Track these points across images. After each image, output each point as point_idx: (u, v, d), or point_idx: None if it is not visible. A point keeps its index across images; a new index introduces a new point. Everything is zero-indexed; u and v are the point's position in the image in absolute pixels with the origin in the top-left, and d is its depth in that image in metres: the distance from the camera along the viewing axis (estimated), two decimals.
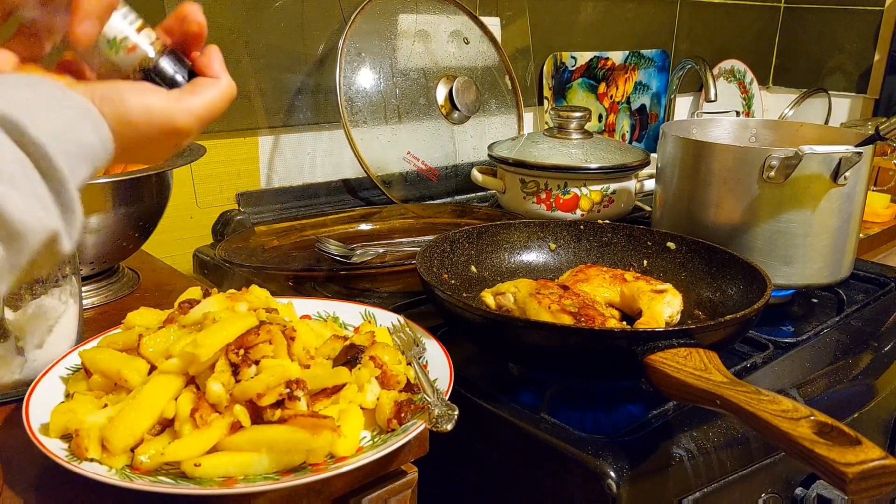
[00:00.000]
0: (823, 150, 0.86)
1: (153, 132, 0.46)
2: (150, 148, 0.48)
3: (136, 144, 0.46)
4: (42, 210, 0.37)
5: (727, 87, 2.05)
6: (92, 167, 0.42)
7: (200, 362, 0.56)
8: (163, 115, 0.46)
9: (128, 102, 0.45)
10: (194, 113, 0.48)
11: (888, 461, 0.45)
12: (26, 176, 0.36)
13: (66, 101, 0.41)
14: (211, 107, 0.49)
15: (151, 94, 0.46)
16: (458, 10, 1.35)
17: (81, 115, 0.41)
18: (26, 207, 0.35)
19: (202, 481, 0.51)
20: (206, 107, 0.48)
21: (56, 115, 0.39)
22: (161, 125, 0.46)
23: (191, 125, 0.47)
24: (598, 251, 0.95)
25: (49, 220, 0.37)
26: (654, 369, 0.60)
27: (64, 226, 0.39)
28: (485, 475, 0.72)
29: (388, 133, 1.26)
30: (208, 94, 0.49)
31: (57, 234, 0.38)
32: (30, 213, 0.36)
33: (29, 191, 0.36)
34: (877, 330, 0.90)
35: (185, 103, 0.47)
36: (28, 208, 0.36)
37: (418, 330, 0.72)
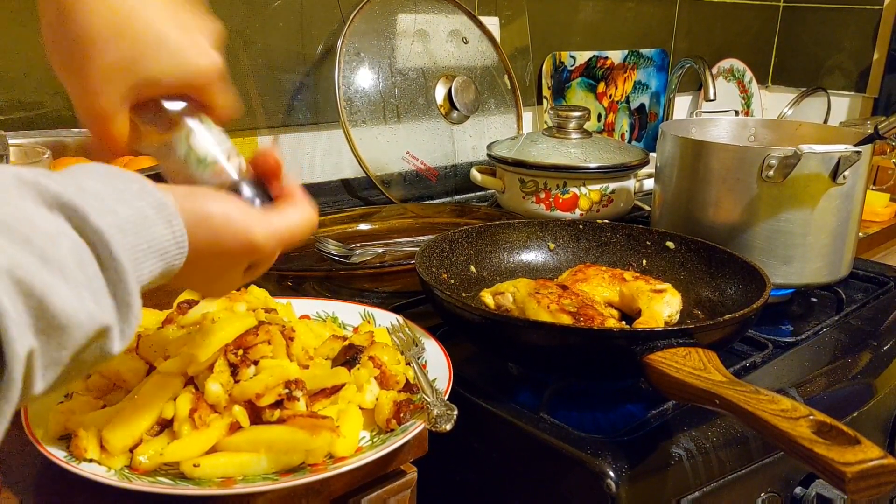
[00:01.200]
0: (822, 150, 0.86)
1: (229, 241, 0.44)
2: (222, 261, 0.45)
3: (210, 252, 0.44)
4: (93, 303, 0.35)
5: (726, 86, 2.05)
6: (163, 263, 0.40)
7: (199, 363, 0.56)
8: (243, 224, 0.44)
9: (210, 205, 0.44)
10: (275, 231, 0.46)
11: (887, 461, 0.45)
12: (81, 266, 0.35)
13: (141, 194, 0.39)
14: (292, 229, 0.47)
15: (234, 204, 0.45)
16: (457, 10, 1.35)
17: (155, 209, 0.39)
18: (74, 299, 0.34)
19: (201, 482, 0.51)
20: (287, 227, 0.47)
21: (126, 206, 0.38)
22: (238, 235, 0.44)
23: (268, 242, 0.46)
24: (597, 251, 0.95)
25: (99, 315, 0.35)
26: (653, 369, 0.60)
27: (117, 321, 0.37)
28: (484, 475, 0.72)
29: (388, 133, 1.26)
30: (291, 217, 0.48)
31: (107, 329, 0.36)
32: (77, 305, 0.34)
33: (81, 282, 0.34)
34: (876, 329, 0.91)
35: (266, 220, 0.46)
36: (76, 300, 0.34)
37: (417, 330, 0.72)
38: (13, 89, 0.97)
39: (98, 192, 0.37)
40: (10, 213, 0.33)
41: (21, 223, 0.33)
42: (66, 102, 1.00)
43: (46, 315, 0.32)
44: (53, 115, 1.00)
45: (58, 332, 0.33)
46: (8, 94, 0.96)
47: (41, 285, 0.32)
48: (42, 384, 0.34)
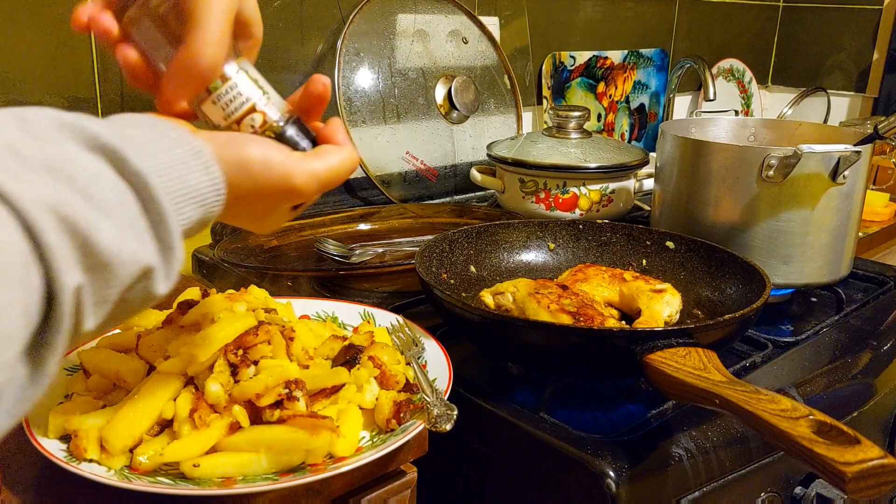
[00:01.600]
0: (822, 149, 0.86)
1: (270, 186, 0.45)
2: (264, 204, 0.47)
3: (251, 196, 0.45)
4: (136, 242, 0.36)
5: (726, 86, 2.05)
6: (201, 210, 0.40)
7: (199, 363, 0.56)
8: (282, 169, 0.45)
9: (250, 150, 0.44)
10: (315, 174, 0.47)
11: (887, 460, 0.45)
12: (123, 205, 0.35)
13: (179, 142, 0.40)
14: (332, 172, 0.48)
15: (274, 149, 0.46)
16: (457, 10, 1.35)
17: (193, 156, 0.40)
18: (118, 237, 0.34)
19: (201, 482, 0.51)
20: (327, 171, 0.48)
21: (165, 152, 0.39)
22: (279, 180, 0.45)
23: (309, 186, 0.46)
24: (597, 251, 0.95)
25: (143, 254, 0.36)
26: (653, 369, 0.60)
27: (161, 263, 0.37)
28: (484, 475, 0.72)
29: (387, 133, 1.26)
30: (331, 160, 0.48)
31: (151, 270, 0.37)
32: (121, 244, 0.35)
33: (124, 221, 0.35)
34: (876, 329, 0.91)
35: (306, 164, 0.46)
36: (119, 239, 0.34)
37: (417, 330, 0.72)
38: (13, 89, 0.97)
39: (137, 137, 0.38)
40: (53, 153, 0.33)
41: (63, 163, 0.33)
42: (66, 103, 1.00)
43: (92, 252, 0.33)
44: None
45: (103, 269, 0.34)
46: (8, 94, 0.96)
47: (85, 222, 0.33)
48: (92, 321, 0.35)
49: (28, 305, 0.31)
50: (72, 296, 0.32)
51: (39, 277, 0.31)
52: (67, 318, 0.32)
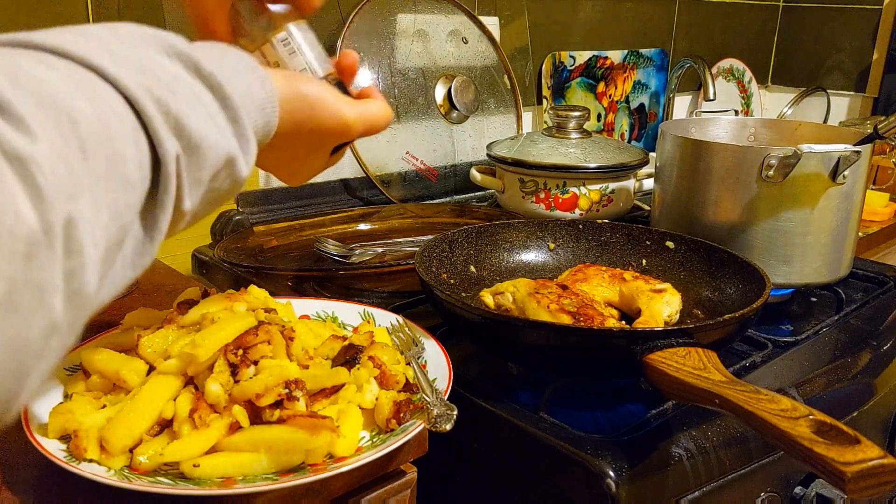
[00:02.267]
0: (822, 149, 0.86)
1: (324, 118, 0.51)
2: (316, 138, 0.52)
3: (306, 128, 0.50)
4: (218, 132, 0.41)
5: (726, 86, 2.05)
6: (262, 118, 0.45)
7: (199, 363, 0.56)
8: (336, 105, 0.51)
9: (307, 84, 0.50)
10: (363, 113, 0.53)
11: (887, 460, 0.45)
12: (202, 102, 0.40)
13: (238, 57, 0.45)
14: (377, 115, 0.54)
15: (328, 88, 0.52)
16: (457, 10, 1.35)
17: (249, 70, 0.45)
18: (204, 125, 0.39)
19: (201, 482, 0.51)
20: (373, 113, 0.54)
21: (227, 64, 0.43)
22: (333, 113, 0.51)
23: (356, 123, 0.52)
24: (596, 250, 0.95)
25: (226, 144, 0.41)
26: (653, 368, 0.60)
27: (241, 153, 0.42)
28: (484, 475, 0.72)
29: (387, 133, 1.26)
30: (376, 105, 0.55)
31: (234, 158, 0.42)
32: (206, 132, 0.39)
33: (206, 114, 0.40)
34: (876, 329, 0.91)
35: (356, 104, 0.53)
36: (205, 127, 0.39)
37: (417, 330, 0.72)
38: None
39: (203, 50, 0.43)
40: (140, 55, 0.38)
41: (149, 63, 0.38)
42: None
43: (183, 133, 0.38)
44: None
45: (194, 150, 0.39)
46: None
47: (176, 108, 0.38)
48: (190, 201, 0.40)
49: (141, 162, 0.36)
50: (174, 161, 0.37)
51: (146, 141, 0.36)
52: (173, 180, 0.37)
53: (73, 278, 0.31)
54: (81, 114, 0.33)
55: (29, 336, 0.29)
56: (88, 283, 0.32)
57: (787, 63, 2.20)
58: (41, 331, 0.30)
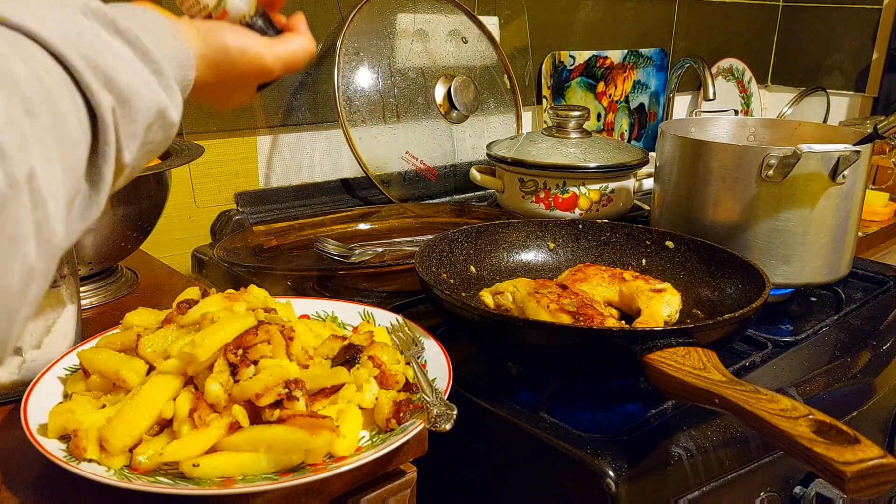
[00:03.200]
0: (822, 149, 0.86)
1: (245, 67, 0.53)
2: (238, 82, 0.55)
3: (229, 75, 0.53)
4: (145, 84, 0.42)
5: (725, 85, 2.05)
6: (180, 70, 0.47)
7: (199, 362, 0.56)
8: (257, 52, 0.54)
9: (228, 36, 0.53)
10: (281, 57, 0.56)
11: (886, 460, 0.45)
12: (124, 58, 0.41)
13: (149, 15, 0.46)
14: (295, 56, 0.57)
15: (248, 36, 0.54)
16: (457, 10, 1.35)
17: (162, 26, 0.46)
18: (132, 79, 0.41)
19: (201, 481, 0.51)
20: (292, 54, 0.57)
21: (140, 20, 0.45)
22: (252, 61, 0.54)
23: (276, 67, 0.55)
24: (596, 250, 0.95)
25: (154, 94, 0.42)
26: (652, 368, 0.60)
27: (169, 102, 0.44)
28: (484, 474, 0.72)
29: (387, 132, 1.26)
30: (294, 45, 0.57)
31: (164, 108, 0.43)
32: (135, 85, 0.41)
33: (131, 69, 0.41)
34: (875, 328, 0.91)
35: (275, 48, 0.55)
36: (133, 81, 0.41)
37: (417, 329, 0.72)
38: None
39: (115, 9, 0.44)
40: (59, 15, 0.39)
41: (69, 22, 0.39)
42: None
43: (113, 87, 0.39)
44: None
45: (126, 103, 0.40)
46: None
47: (103, 63, 0.39)
48: (129, 154, 0.41)
49: (80, 117, 0.37)
50: (110, 112, 0.39)
51: (80, 97, 0.37)
52: (112, 131, 0.39)
53: (42, 227, 0.34)
54: (19, 74, 0.34)
55: (10, 283, 0.32)
56: (55, 231, 0.35)
57: (787, 63, 2.20)
58: (20, 277, 0.32)
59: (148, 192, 0.84)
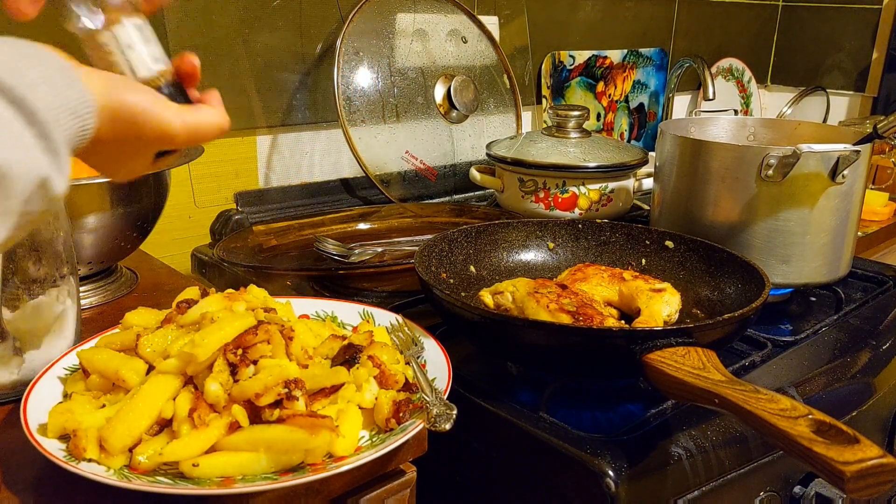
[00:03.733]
0: (821, 149, 0.86)
1: (146, 128, 0.47)
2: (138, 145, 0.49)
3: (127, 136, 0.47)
4: (25, 153, 0.37)
5: (725, 85, 2.05)
6: (76, 122, 0.41)
7: (198, 362, 0.55)
8: (160, 115, 0.48)
9: (130, 94, 0.47)
10: (188, 125, 0.50)
11: (886, 459, 0.46)
12: (3, 121, 0.36)
13: (42, 58, 0.41)
14: (202, 126, 0.51)
15: (156, 96, 0.49)
16: (456, 9, 1.35)
17: (60, 72, 0.41)
18: (8, 149, 0.36)
19: (200, 481, 0.51)
20: (198, 124, 0.51)
21: (31, 67, 0.39)
22: (155, 124, 0.48)
23: (180, 134, 0.49)
24: (596, 250, 0.95)
25: (35, 163, 0.38)
26: (652, 368, 0.60)
27: (54, 170, 0.39)
28: (483, 474, 0.72)
29: (387, 132, 1.26)
30: (204, 115, 0.51)
31: (46, 177, 0.38)
32: (12, 157, 0.36)
33: (9, 135, 0.36)
34: (875, 328, 0.91)
35: (182, 115, 0.50)
36: (10, 150, 0.36)
37: (417, 329, 0.72)
38: None
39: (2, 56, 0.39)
40: None
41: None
42: None
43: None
44: None
45: (1, 183, 0.36)
46: None
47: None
48: (1, 233, 0.37)
49: None
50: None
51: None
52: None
53: None
54: None
55: None
56: None
57: (787, 62, 2.20)
58: None
59: (147, 192, 0.84)
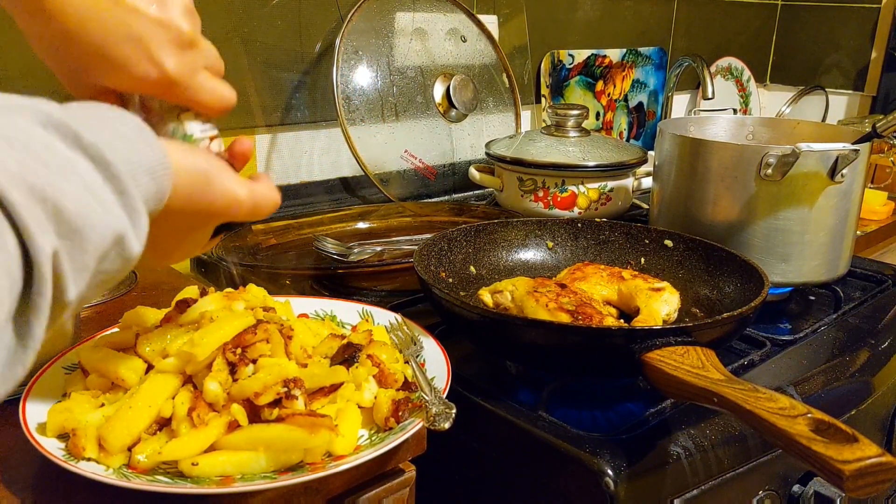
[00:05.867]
0: (820, 148, 0.86)
1: (217, 193, 0.48)
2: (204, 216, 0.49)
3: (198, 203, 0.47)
4: (102, 208, 0.37)
5: (724, 84, 2.05)
6: (153, 183, 0.41)
7: (197, 361, 0.56)
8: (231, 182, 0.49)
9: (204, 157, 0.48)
10: (254, 194, 0.51)
11: (885, 458, 0.46)
12: (82, 175, 0.36)
13: (122, 118, 0.41)
14: (267, 197, 0.53)
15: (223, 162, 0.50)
16: (456, 8, 1.35)
17: (137, 131, 0.41)
18: (86, 204, 0.35)
19: (199, 480, 0.51)
20: (264, 195, 0.52)
21: (110, 127, 0.40)
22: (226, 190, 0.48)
23: (246, 203, 0.50)
24: (595, 249, 0.95)
25: (112, 219, 0.37)
26: (651, 367, 0.60)
27: (131, 227, 0.38)
28: (482, 473, 0.72)
29: (386, 131, 1.26)
30: (266, 187, 0.53)
31: (123, 234, 0.38)
32: (89, 210, 0.35)
33: (88, 190, 0.36)
34: (874, 327, 0.91)
35: (248, 183, 0.51)
36: (87, 206, 0.35)
37: (416, 328, 0.72)
38: (12, 87, 0.96)
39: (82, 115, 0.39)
40: (11, 130, 0.34)
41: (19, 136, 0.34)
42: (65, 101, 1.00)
43: (63, 218, 0.34)
44: None
45: (76, 235, 0.35)
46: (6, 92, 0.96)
47: (51, 189, 0.33)
48: (74, 290, 0.35)
49: (10, 268, 0.31)
50: (49, 259, 0.33)
51: (14, 241, 0.32)
52: (48, 282, 0.33)
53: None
54: None
55: None
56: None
57: (786, 62, 2.20)
58: None
59: None
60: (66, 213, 0.34)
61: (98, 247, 0.36)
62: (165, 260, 0.55)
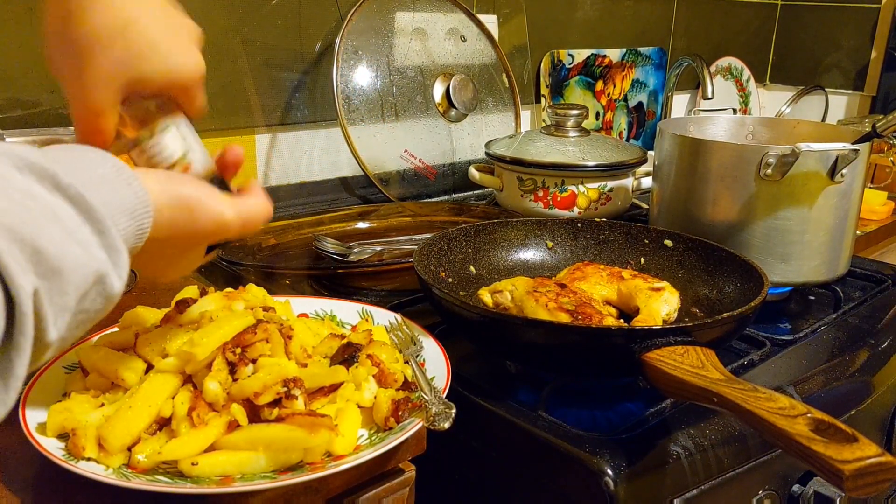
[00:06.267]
0: (820, 148, 0.86)
1: (202, 220, 0.49)
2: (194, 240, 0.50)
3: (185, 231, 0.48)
4: (82, 249, 0.37)
5: (724, 84, 2.05)
6: (133, 222, 0.42)
7: (197, 361, 0.56)
8: (215, 206, 0.49)
9: (185, 186, 0.48)
10: (241, 212, 0.51)
11: (884, 458, 0.46)
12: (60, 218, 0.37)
13: (102, 160, 0.42)
14: (255, 213, 0.53)
15: (210, 188, 0.51)
16: (455, 8, 1.35)
17: (116, 172, 0.42)
18: (64, 245, 0.36)
19: (199, 480, 0.51)
20: (252, 211, 0.53)
21: (89, 168, 0.41)
22: (211, 215, 0.49)
23: (234, 224, 0.51)
24: (595, 249, 0.95)
25: (92, 260, 0.38)
26: (651, 367, 0.60)
27: (111, 267, 0.39)
28: (482, 473, 0.72)
29: (386, 131, 1.26)
30: (254, 201, 0.53)
31: (103, 274, 0.39)
32: (68, 250, 0.36)
33: (67, 231, 0.37)
34: (873, 327, 0.91)
35: (235, 203, 0.51)
36: (67, 246, 0.36)
37: (416, 328, 0.72)
38: (11, 87, 0.96)
39: (61, 158, 0.40)
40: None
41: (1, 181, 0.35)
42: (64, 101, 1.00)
43: (42, 258, 0.35)
44: (51, 113, 1.00)
45: (56, 275, 0.35)
46: (6, 92, 0.96)
47: (30, 231, 0.34)
48: (55, 331, 0.36)
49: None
50: (30, 297, 0.34)
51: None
52: (29, 321, 0.34)
53: None
54: None
55: None
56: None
57: (786, 61, 2.20)
58: None
59: None
60: (45, 253, 0.35)
61: (79, 286, 0.37)
62: (161, 278, 0.55)
